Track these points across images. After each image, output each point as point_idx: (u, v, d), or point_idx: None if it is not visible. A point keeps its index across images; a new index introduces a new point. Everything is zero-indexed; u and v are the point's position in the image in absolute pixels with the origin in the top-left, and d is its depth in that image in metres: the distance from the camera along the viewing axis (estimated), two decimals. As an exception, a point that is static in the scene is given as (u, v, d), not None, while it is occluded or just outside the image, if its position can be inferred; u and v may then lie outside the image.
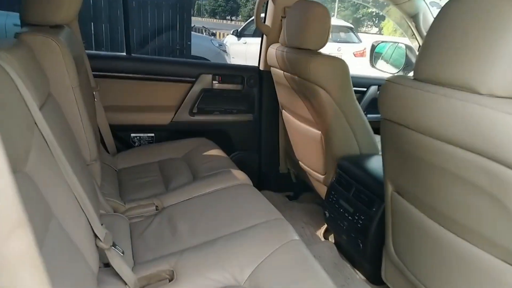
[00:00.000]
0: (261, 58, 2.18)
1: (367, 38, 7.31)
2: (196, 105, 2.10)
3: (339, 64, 1.55)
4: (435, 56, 0.84)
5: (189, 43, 5.83)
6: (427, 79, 0.87)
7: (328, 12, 1.60)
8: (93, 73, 1.76)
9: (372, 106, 2.50)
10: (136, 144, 2.07)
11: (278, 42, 1.98)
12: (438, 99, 0.81)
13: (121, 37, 5.15)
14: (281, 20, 2.04)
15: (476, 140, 0.72)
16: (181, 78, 2.05)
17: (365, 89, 2.45)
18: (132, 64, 1.99)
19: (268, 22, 2.10)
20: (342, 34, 7.17)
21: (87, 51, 1.74)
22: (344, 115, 1.59)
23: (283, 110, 2.04)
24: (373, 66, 2.76)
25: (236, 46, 7.47)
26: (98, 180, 1.38)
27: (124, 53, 2.08)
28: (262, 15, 2.16)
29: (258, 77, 2.17)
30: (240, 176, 1.59)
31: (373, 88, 2.45)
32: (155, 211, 1.37)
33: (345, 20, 10.48)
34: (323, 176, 1.78)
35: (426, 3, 2.20)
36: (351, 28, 7.44)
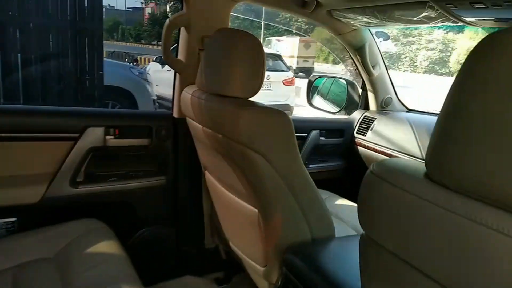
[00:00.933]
0: (175, 102, 1.66)
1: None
2: (81, 171, 1.49)
3: (280, 118, 1.08)
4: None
5: (101, 72, 5.10)
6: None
7: (261, 45, 1.15)
8: None
9: (314, 154, 2.09)
10: (-13, 234, 1.39)
11: (195, 83, 1.48)
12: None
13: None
14: (199, 53, 1.56)
15: None
16: (58, 134, 1.44)
17: (305, 134, 2.03)
18: None
19: (181, 55, 1.60)
20: (270, 62, 6.93)
21: None
22: (288, 188, 1.12)
23: (206, 172, 1.52)
24: (311, 104, 2.38)
25: (160, 73, 6.87)
26: None
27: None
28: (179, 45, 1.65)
29: (172, 127, 1.64)
30: None
31: (314, 134, 2.05)
32: None
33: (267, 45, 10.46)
34: (263, 269, 1.28)
35: (371, 34, 1.87)
36: (279, 56, 7.25)
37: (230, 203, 1.35)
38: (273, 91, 6.58)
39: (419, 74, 18.87)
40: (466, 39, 19.24)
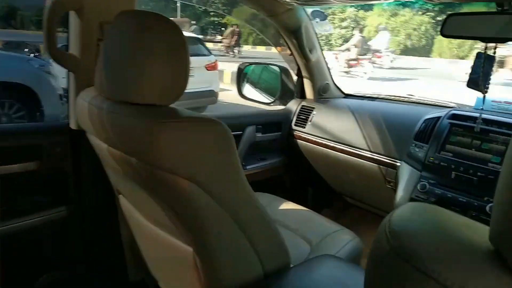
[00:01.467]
0: (70, 109, 1.28)
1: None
2: None
3: (214, 131, 0.79)
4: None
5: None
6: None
7: (181, 32, 0.84)
8: None
9: (251, 152, 1.84)
10: None
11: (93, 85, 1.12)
12: None
13: None
14: (98, 45, 1.19)
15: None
16: None
17: (239, 132, 1.77)
18: None
19: (74, 48, 1.21)
20: (191, 47, 6.47)
21: None
22: (233, 219, 0.85)
23: (121, 196, 1.18)
24: (242, 95, 2.11)
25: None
26: None
27: None
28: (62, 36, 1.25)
29: (69, 142, 1.26)
30: None
31: (249, 130, 1.79)
32: None
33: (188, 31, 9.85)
34: None
35: (307, 14, 1.64)
36: (199, 40, 6.81)
37: (155, 238, 1.04)
38: (196, 77, 6.14)
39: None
40: (375, 16, 20.34)
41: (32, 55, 6.96)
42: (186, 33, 7.16)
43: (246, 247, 0.90)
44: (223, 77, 9.99)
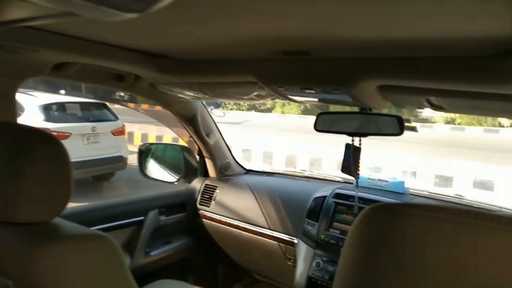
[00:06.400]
0: None
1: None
2: None
3: (104, 248, 0.79)
4: None
5: None
6: None
7: (64, 147, 0.84)
8: None
9: (154, 237, 1.80)
10: None
11: None
12: None
13: None
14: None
15: None
16: None
17: (141, 218, 1.73)
18: None
19: None
20: (95, 112, 6.25)
21: None
22: None
23: None
24: (145, 175, 2.10)
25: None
26: None
27: None
28: None
29: None
30: None
31: (152, 215, 1.76)
32: None
33: (94, 94, 9.53)
34: None
35: (203, 104, 1.75)
36: (103, 105, 6.64)
37: None
38: (102, 143, 5.92)
39: (243, 112, 20.56)
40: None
41: None
42: (90, 100, 6.90)
43: None
44: (133, 139, 9.74)
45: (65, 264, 0.74)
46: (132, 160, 6.88)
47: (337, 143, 1.61)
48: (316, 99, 1.21)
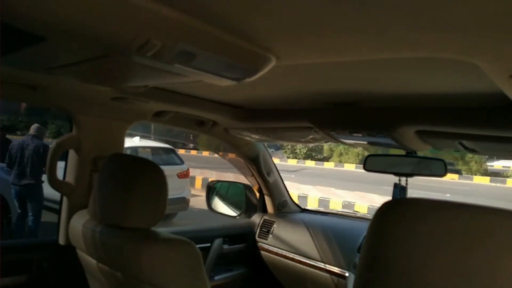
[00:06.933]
0: (61, 227, 1.47)
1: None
2: None
3: (186, 251, 1.03)
4: None
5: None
6: None
7: (162, 172, 1.12)
8: None
9: (218, 263, 2.02)
10: None
11: (86, 207, 1.35)
12: None
13: None
14: (90, 175, 1.45)
15: None
16: None
17: (208, 244, 1.97)
18: None
19: (70, 177, 1.47)
20: (164, 156, 6.87)
21: None
22: None
23: None
24: (211, 208, 2.36)
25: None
26: None
27: None
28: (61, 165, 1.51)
29: (56, 257, 1.43)
30: None
31: (217, 242, 2.00)
32: None
33: (162, 138, 10.48)
34: None
35: (264, 146, 2.01)
36: (172, 150, 7.26)
37: None
38: (169, 185, 6.41)
39: (300, 160, 20.71)
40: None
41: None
42: (159, 144, 7.55)
43: None
44: (194, 182, 10.31)
45: (160, 260, 0.99)
46: (194, 202, 7.31)
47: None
48: (364, 142, 1.40)
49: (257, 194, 2.31)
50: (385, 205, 0.63)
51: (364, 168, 1.50)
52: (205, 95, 1.39)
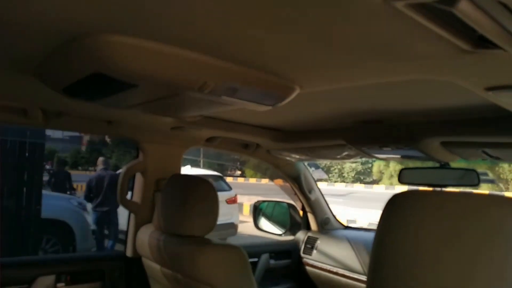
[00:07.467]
0: (129, 241, 1.70)
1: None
2: None
3: (237, 254, 1.20)
4: None
5: (38, 207, 4.90)
6: None
7: (214, 188, 1.32)
8: None
9: (265, 278, 2.15)
10: None
11: (150, 222, 1.57)
12: None
13: None
14: (153, 194, 1.68)
15: None
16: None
17: (256, 259, 2.11)
18: None
19: (136, 197, 1.70)
20: (213, 183, 7.13)
21: None
22: None
23: None
24: (257, 227, 2.52)
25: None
26: None
27: None
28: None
29: (124, 267, 1.65)
30: None
31: (264, 257, 2.14)
32: None
33: (210, 166, 10.93)
34: None
35: (305, 165, 2.16)
36: (220, 177, 7.55)
37: None
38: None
39: (348, 184, 20.28)
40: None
41: (68, 193, 7.68)
42: (209, 172, 7.88)
43: None
44: (242, 209, 10.51)
45: (214, 263, 1.17)
46: (242, 228, 7.47)
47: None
48: (396, 156, 1.51)
49: (301, 212, 2.43)
50: (395, 196, 0.74)
51: (399, 181, 1.59)
52: (248, 121, 1.59)
